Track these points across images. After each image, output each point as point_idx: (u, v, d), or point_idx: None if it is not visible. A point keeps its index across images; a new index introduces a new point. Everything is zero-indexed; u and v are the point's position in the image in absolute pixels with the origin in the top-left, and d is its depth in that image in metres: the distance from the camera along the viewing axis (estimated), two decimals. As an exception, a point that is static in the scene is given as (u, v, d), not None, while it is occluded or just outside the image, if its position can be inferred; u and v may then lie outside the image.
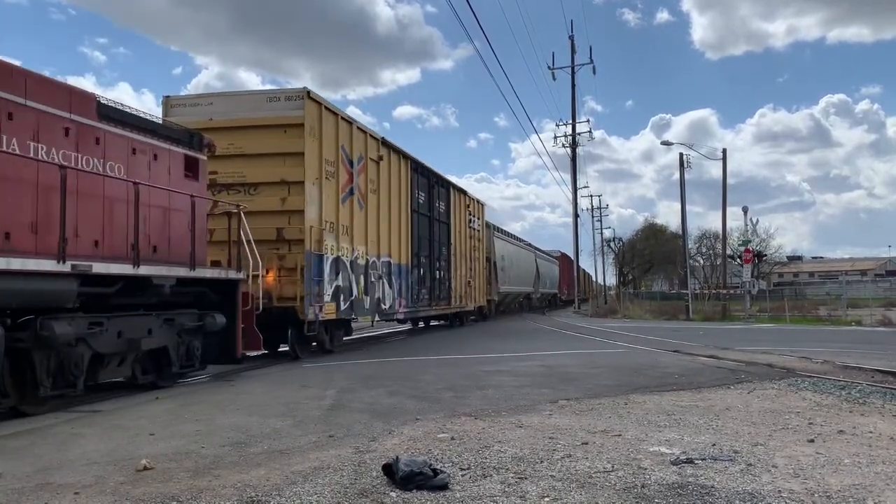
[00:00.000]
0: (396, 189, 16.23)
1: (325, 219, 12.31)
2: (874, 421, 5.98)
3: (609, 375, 9.34)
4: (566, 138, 47.76)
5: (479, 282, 25.45)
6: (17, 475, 4.45)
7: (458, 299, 21.94)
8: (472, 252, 24.08)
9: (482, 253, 25.87)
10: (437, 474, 4.04)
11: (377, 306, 14.90)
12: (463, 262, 22.66)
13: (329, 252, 12.43)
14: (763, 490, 3.88)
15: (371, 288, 14.46)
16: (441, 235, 20.22)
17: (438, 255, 19.75)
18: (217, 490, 4.01)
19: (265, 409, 6.89)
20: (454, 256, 21.50)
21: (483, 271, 25.95)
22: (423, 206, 18.58)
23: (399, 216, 16.38)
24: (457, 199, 22.29)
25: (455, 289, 21.61)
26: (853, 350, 13.02)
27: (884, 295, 42.31)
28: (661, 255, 68.21)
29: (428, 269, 18.76)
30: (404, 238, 16.71)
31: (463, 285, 22.63)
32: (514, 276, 33.46)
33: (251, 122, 11.88)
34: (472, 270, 24.05)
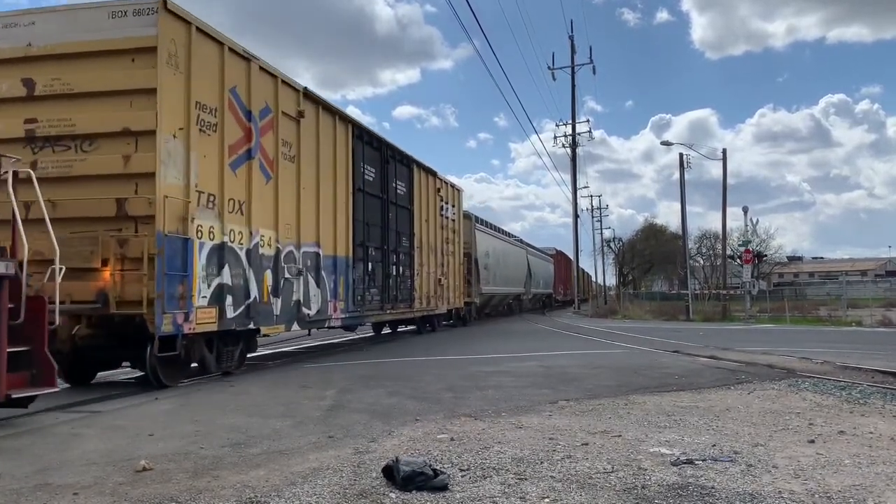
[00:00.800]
0: (330, 159, 12.46)
1: (196, 188, 8.70)
2: (874, 421, 5.98)
3: (609, 376, 9.34)
4: (566, 138, 47.76)
5: (457, 281, 21.83)
6: (17, 475, 4.44)
7: (424, 301, 18.11)
8: (445, 245, 20.31)
9: (459, 247, 21.99)
10: (437, 475, 4.04)
11: (295, 311, 11.10)
12: (432, 256, 18.86)
13: (205, 236, 8.84)
14: (763, 491, 3.88)
15: (286, 287, 10.80)
16: (400, 223, 16.30)
17: (396, 247, 15.88)
18: (216, 491, 4.00)
19: (265, 409, 6.89)
20: (419, 249, 17.64)
21: (460, 269, 22.19)
22: (373, 185, 14.68)
23: (334, 195, 12.56)
24: (423, 181, 18.24)
25: (420, 288, 17.70)
26: (853, 350, 13.02)
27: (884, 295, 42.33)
28: (661, 256, 68.26)
29: (380, 264, 14.94)
30: (342, 223, 12.92)
31: (432, 284, 18.84)
32: (502, 276, 30.34)
33: (84, 46, 8.38)
34: (445, 267, 20.28)
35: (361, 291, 13.85)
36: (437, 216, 19.53)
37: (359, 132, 13.96)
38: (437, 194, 19.56)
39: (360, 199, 13.85)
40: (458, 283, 22.15)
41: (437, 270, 19.44)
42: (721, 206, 34.94)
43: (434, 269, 19.17)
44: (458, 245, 22.01)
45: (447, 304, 20.65)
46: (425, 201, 18.46)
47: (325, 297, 12.13)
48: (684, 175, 35.78)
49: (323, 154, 12.20)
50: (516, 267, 34.57)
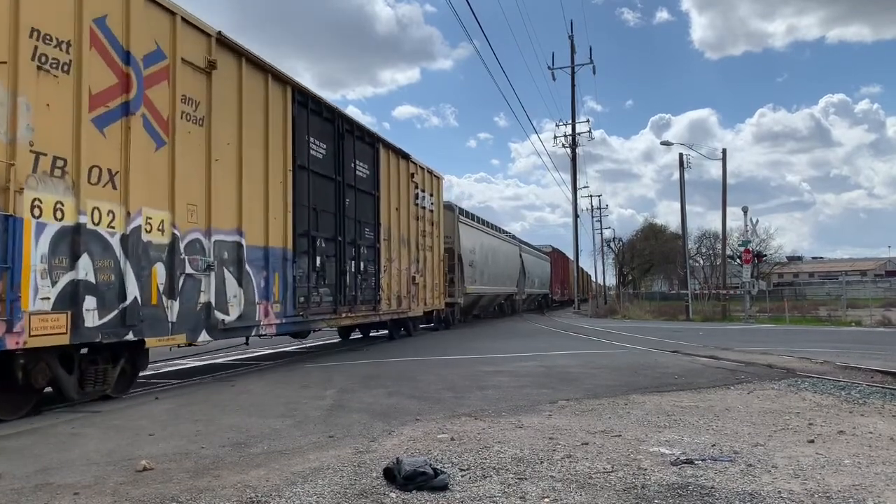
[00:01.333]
0: (259, 127, 10.11)
1: (31, 148, 6.44)
2: (874, 421, 5.99)
3: (609, 376, 9.34)
4: (566, 138, 47.76)
5: (437, 279, 19.39)
6: (17, 475, 4.45)
7: (393, 302, 15.65)
8: (422, 239, 17.89)
9: (439, 242, 19.64)
10: (437, 474, 4.05)
11: (203, 316, 8.71)
12: (404, 251, 16.39)
13: (47, 215, 6.56)
14: (763, 490, 3.88)
15: (189, 286, 8.45)
16: (362, 211, 13.85)
17: (355, 239, 13.44)
18: (217, 490, 4.01)
19: (265, 409, 6.90)
20: (387, 242, 15.18)
21: (441, 265, 19.80)
22: (324, 164, 12.27)
23: (265, 171, 10.26)
24: (392, 164, 15.79)
25: (388, 287, 15.25)
26: (853, 350, 13.03)
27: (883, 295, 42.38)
28: (660, 256, 68.31)
29: (333, 259, 12.51)
30: (278, 207, 10.61)
31: (404, 283, 16.35)
32: (491, 274, 27.86)
33: None
34: (422, 263, 17.80)
35: (306, 291, 11.43)
36: (410, 205, 16.97)
37: (302, 97, 11.51)
38: (410, 180, 16.98)
39: (303, 180, 11.46)
40: (438, 281, 19.64)
41: (411, 267, 16.87)
42: (721, 206, 35.00)
43: (407, 266, 16.61)
44: (437, 239, 19.53)
45: (424, 305, 18.14)
46: (395, 188, 15.92)
47: (250, 298, 9.77)
48: (684, 175, 35.83)
49: (249, 120, 9.80)
50: (508, 265, 32.03)
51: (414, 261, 17.29)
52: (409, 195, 16.91)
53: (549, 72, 46.83)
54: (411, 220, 17.10)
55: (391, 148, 15.82)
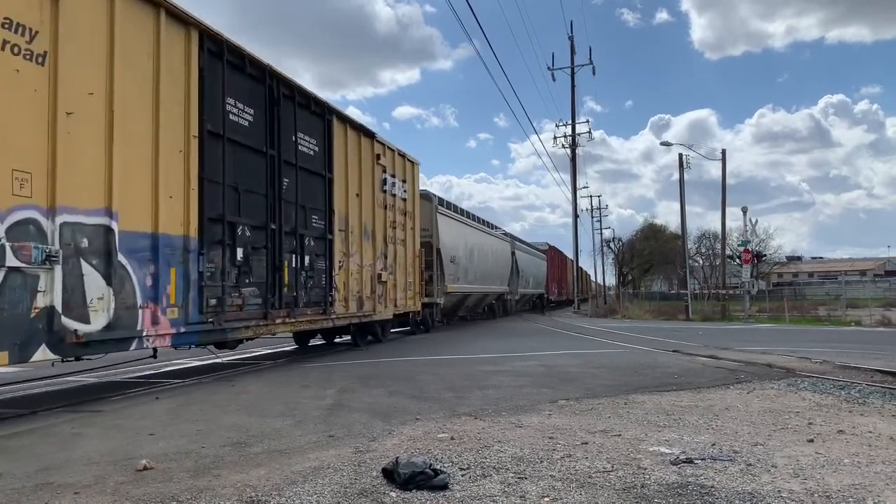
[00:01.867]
0: (145, 76, 7.89)
1: None
2: (874, 421, 5.99)
3: (609, 375, 9.35)
4: (566, 139, 47.79)
5: (411, 277, 16.94)
6: (17, 475, 4.45)
7: (353, 303, 13.14)
8: (391, 231, 15.44)
9: (413, 235, 17.20)
10: (437, 474, 4.05)
11: (42, 326, 6.42)
12: (367, 244, 14.00)
13: None
14: (763, 490, 3.89)
15: (12, 283, 6.17)
16: (307, 194, 11.39)
17: (298, 228, 10.99)
18: (217, 490, 4.01)
19: (265, 408, 6.90)
20: (344, 234, 12.81)
21: (416, 262, 17.39)
22: (250, 134, 9.81)
23: (154, 135, 7.98)
24: (351, 142, 13.27)
25: (345, 287, 12.80)
26: (852, 350, 13.04)
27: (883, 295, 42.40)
28: (660, 256, 68.35)
29: (263, 251, 10.02)
30: (175, 183, 8.31)
31: (367, 282, 13.94)
32: (478, 272, 25.31)
33: None
34: (391, 259, 15.44)
35: (219, 291, 8.99)
36: (376, 192, 14.53)
37: (215, 46, 9.11)
38: (376, 163, 14.46)
39: (216, 150, 9.07)
40: (413, 279, 17.18)
41: (376, 263, 14.42)
42: (721, 207, 35.01)
43: (372, 262, 14.19)
44: (412, 232, 17.10)
45: (394, 306, 15.64)
46: (356, 170, 13.46)
47: (128, 300, 7.44)
48: (684, 175, 35.84)
49: (128, 65, 7.55)
50: (498, 262, 29.77)
51: (381, 256, 14.77)
52: (374, 180, 14.35)
53: (549, 72, 46.89)
54: (377, 209, 14.57)
55: (350, 123, 13.30)
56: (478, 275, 25.52)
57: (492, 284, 28.45)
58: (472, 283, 24.66)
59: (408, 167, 17.02)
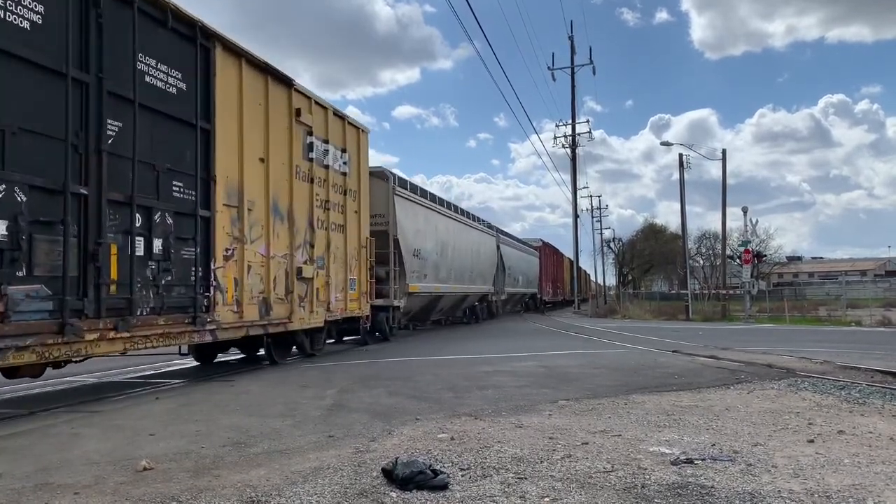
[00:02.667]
0: None
1: None
2: (874, 421, 5.99)
3: (609, 376, 9.35)
4: (566, 139, 47.79)
5: (356, 273, 13.59)
6: (17, 475, 4.45)
7: (249, 308, 9.78)
8: (321, 213, 12.11)
9: (361, 221, 13.94)
10: (436, 474, 4.05)
11: None
12: (281, 228, 10.70)
13: None
14: (763, 490, 3.89)
15: None
16: (162, 149, 8.13)
17: (138, 198, 7.64)
18: (217, 490, 4.01)
19: (265, 409, 6.90)
20: (237, 211, 9.52)
21: (364, 254, 14.00)
22: (37, 40, 6.49)
23: None
24: (251, 86, 9.91)
25: (237, 286, 9.52)
26: (853, 350, 13.03)
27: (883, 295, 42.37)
28: (660, 256, 68.37)
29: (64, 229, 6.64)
30: None
31: (277, 278, 10.51)
32: (452, 269, 21.74)
33: None
34: (321, 250, 12.07)
35: None
36: (295, 159, 11.12)
37: None
38: (295, 121, 11.13)
39: None
40: (359, 276, 13.76)
41: (296, 254, 11.06)
42: (721, 207, 35.01)
43: (288, 252, 10.86)
44: (357, 216, 13.80)
45: (326, 310, 12.21)
46: (259, 125, 10.08)
47: None
48: (684, 175, 35.83)
49: None
50: (480, 258, 26.02)
51: (304, 245, 11.39)
52: (292, 143, 10.98)
53: (549, 72, 46.89)
54: (298, 183, 11.22)
55: (249, 59, 9.83)
56: (453, 272, 21.98)
57: (471, 284, 24.78)
58: (445, 281, 21.04)
59: (351, 134, 13.52)
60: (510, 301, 35.57)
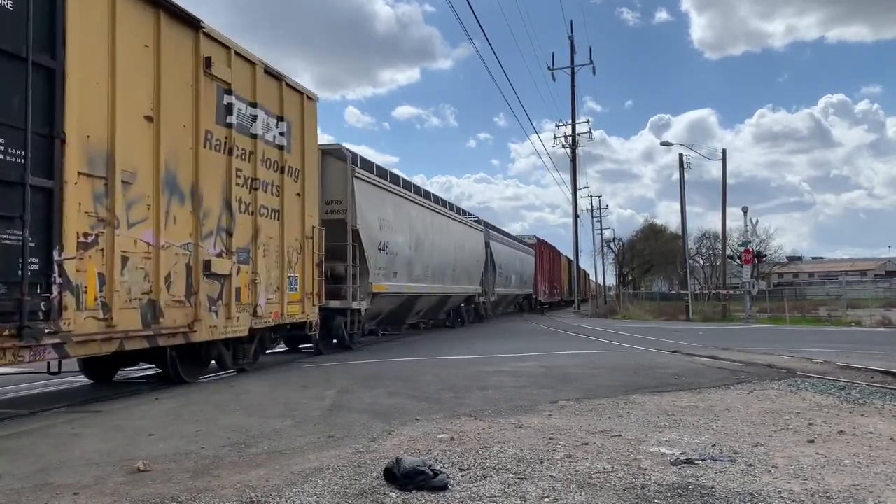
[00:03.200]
0: None
1: None
2: (874, 421, 5.99)
3: (609, 376, 9.35)
4: (566, 139, 47.81)
5: (298, 270, 11.23)
6: (17, 475, 4.45)
7: (125, 314, 7.33)
8: (243, 194, 9.73)
9: (302, 206, 11.43)
10: (436, 475, 4.05)
11: None
12: (180, 210, 8.40)
13: None
14: (763, 490, 3.88)
15: None
16: None
17: None
18: (217, 491, 4.01)
19: (265, 409, 6.89)
20: (105, 185, 7.20)
21: (307, 247, 11.56)
22: None
23: None
24: (125, 16, 7.53)
25: (103, 284, 7.08)
26: (853, 350, 13.03)
27: (883, 295, 42.36)
28: (660, 256, 68.41)
29: None
30: None
31: (174, 274, 8.23)
32: (430, 266, 19.24)
33: None
34: (244, 238, 9.73)
35: None
36: (202, 122, 8.77)
37: None
38: (204, 74, 8.88)
39: None
40: (302, 274, 11.33)
41: (204, 243, 8.75)
42: (721, 207, 35.02)
43: (192, 240, 8.55)
44: (301, 201, 11.35)
45: (252, 315, 9.74)
46: (146, 72, 7.94)
47: None
48: (684, 175, 35.84)
49: None
50: (464, 254, 23.40)
51: (217, 232, 8.99)
52: (198, 102, 8.63)
53: (549, 72, 46.89)
54: (208, 153, 8.79)
55: None
56: (431, 270, 19.35)
57: (455, 283, 22.06)
58: (422, 280, 18.48)
59: (291, 101, 11.02)
60: (502, 302, 33.18)
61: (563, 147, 48.41)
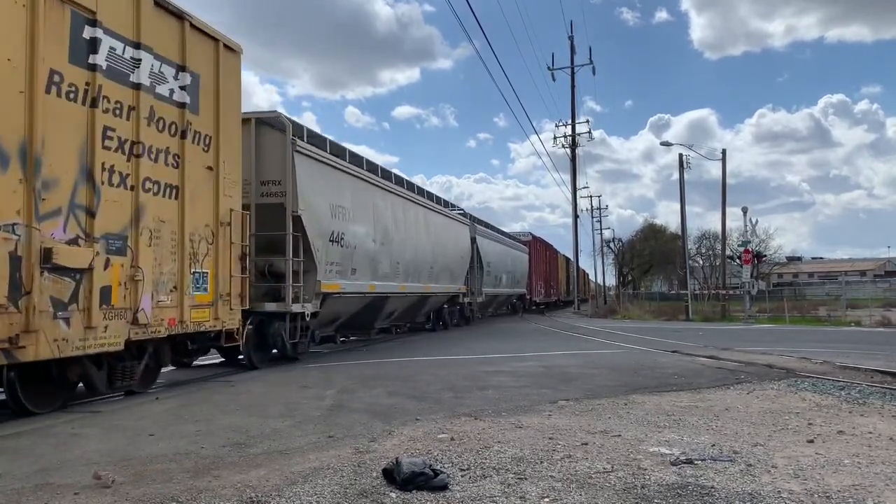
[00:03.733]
0: None
1: None
2: (874, 421, 5.99)
3: (609, 376, 9.35)
4: (566, 139, 47.76)
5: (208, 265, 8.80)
6: (17, 475, 4.45)
7: None
8: (124, 162, 7.31)
9: (218, 184, 9.03)
10: (437, 475, 4.05)
11: None
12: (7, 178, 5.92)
13: None
14: (763, 490, 3.89)
15: None
16: None
17: None
18: (217, 490, 4.01)
19: (265, 409, 6.90)
20: None
21: (225, 236, 9.18)
22: None
23: None
24: None
25: None
26: (852, 350, 13.03)
27: (883, 295, 42.34)
28: (660, 256, 68.37)
29: None
30: None
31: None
32: (397, 262, 16.18)
33: None
34: (121, 222, 7.26)
35: None
36: (50, 59, 6.43)
37: None
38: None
39: None
40: (222, 269, 9.10)
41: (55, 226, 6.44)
42: (721, 207, 35.01)
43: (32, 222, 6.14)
44: (215, 176, 9.04)
45: (131, 322, 7.34)
46: None
47: None
48: (684, 175, 35.81)
49: None
50: (445, 250, 20.56)
51: (72, 211, 6.70)
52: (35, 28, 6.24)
53: (549, 72, 46.84)
54: (51, 101, 6.45)
55: None
56: (403, 267, 16.51)
57: (433, 282, 19.08)
58: (390, 278, 15.58)
59: (200, 48, 8.80)
60: (492, 303, 30.50)
61: (563, 147, 48.39)
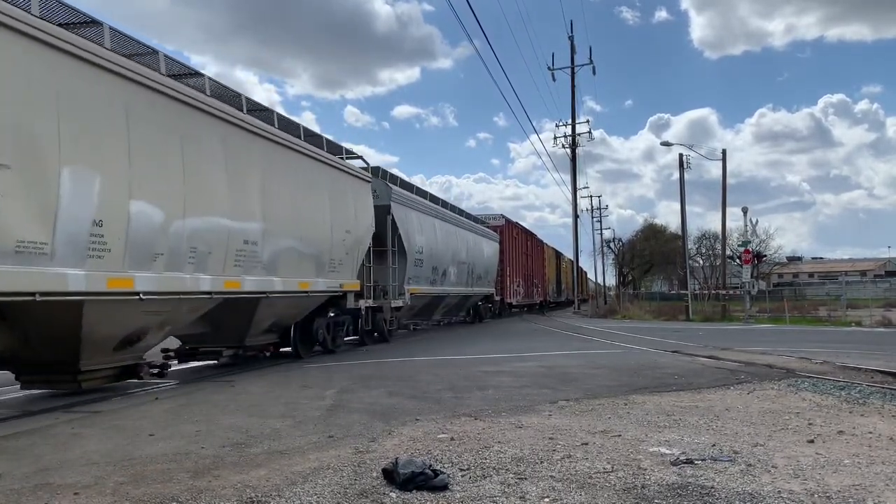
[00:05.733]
0: None
1: None
2: (874, 421, 5.99)
3: (609, 376, 9.35)
4: (566, 138, 47.74)
5: None
6: (17, 475, 4.45)
7: None
8: None
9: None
10: (437, 475, 4.05)
11: None
12: None
13: None
14: (763, 490, 3.89)
15: None
16: None
17: None
18: (217, 490, 4.01)
19: (265, 409, 6.90)
20: None
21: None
22: None
23: None
24: None
25: None
26: (853, 350, 13.02)
27: (883, 295, 42.32)
28: (660, 256, 68.32)
29: None
30: None
31: None
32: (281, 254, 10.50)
33: None
34: None
35: None
36: None
37: None
38: None
39: None
40: None
41: None
42: (721, 207, 35.03)
43: None
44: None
45: None
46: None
47: None
48: (684, 175, 35.81)
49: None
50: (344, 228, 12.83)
51: None
52: None
53: (549, 72, 46.82)
54: None
55: None
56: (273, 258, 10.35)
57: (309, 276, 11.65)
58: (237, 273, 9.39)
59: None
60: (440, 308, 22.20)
61: (563, 147, 48.35)
